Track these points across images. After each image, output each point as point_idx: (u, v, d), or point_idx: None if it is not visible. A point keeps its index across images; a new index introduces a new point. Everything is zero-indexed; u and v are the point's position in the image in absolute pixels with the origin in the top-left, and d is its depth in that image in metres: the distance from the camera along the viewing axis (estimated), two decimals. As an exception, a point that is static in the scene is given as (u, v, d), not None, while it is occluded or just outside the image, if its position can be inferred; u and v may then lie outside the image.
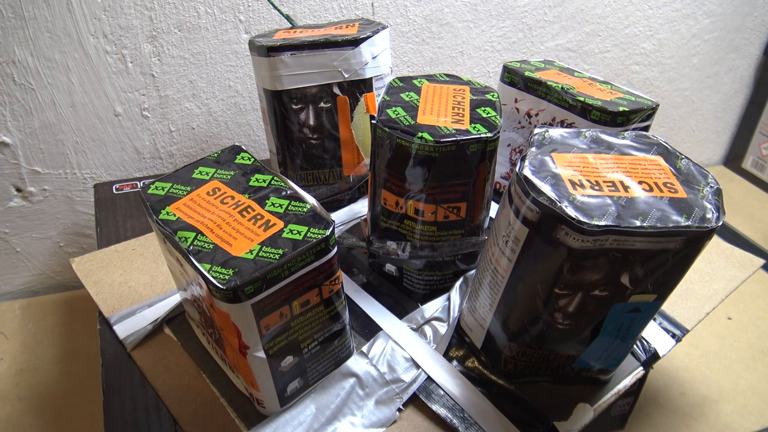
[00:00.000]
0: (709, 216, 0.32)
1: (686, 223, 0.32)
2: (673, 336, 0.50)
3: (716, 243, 0.62)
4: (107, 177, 0.78)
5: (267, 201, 0.38)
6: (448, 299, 0.50)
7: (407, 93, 0.48)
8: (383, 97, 0.47)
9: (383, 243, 0.50)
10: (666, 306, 0.52)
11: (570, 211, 0.32)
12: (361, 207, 0.63)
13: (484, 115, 0.44)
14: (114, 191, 0.69)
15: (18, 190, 0.74)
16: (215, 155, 0.43)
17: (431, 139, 0.41)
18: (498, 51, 0.95)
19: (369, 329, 0.48)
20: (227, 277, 0.32)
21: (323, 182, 0.63)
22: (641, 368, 0.47)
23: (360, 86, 0.58)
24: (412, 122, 0.43)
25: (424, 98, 0.47)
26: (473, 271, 0.52)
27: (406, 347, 0.46)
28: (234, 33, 0.75)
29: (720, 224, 0.32)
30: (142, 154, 0.78)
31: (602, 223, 0.31)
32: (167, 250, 0.40)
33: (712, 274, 0.58)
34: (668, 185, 0.35)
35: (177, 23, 0.71)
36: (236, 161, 0.42)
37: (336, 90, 0.57)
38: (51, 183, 0.75)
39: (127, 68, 0.71)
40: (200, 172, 0.41)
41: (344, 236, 0.57)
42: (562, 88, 0.55)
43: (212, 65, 0.76)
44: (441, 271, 0.51)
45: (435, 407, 0.43)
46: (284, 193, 0.38)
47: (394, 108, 0.45)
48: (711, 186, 0.35)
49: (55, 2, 0.64)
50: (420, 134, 0.41)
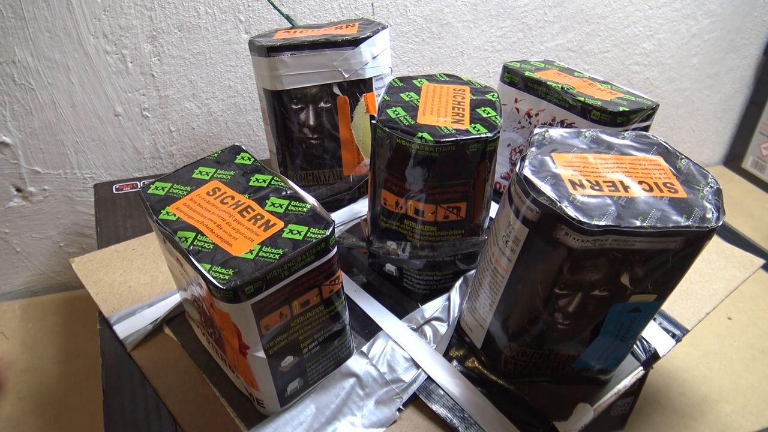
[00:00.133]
0: (709, 216, 0.32)
1: (686, 223, 0.32)
2: (673, 336, 0.50)
3: (716, 243, 0.62)
4: (107, 177, 0.78)
5: (267, 201, 0.38)
6: (448, 299, 0.50)
7: (407, 93, 0.48)
8: (383, 97, 0.47)
9: (383, 243, 0.50)
10: (666, 306, 0.52)
11: (570, 211, 0.32)
12: (361, 207, 0.63)
13: (484, 115, 0.44)
14: (114, 191, 0.69)
15: (18, 190, 0.74)
16: (215, 155, 0.43)
17: (431, 139, 0.41)
18: (498, 51, 0.95)
19: (369, 329, 0.48)
20: (227, 277, 0.32)
21: (323, 182, 0.63)
22: (641, 368, 0.47)
23: (360, 86, 0.58)
24: (412, 122, 0.43)
25: (424, 98, 0.47)
26: (473, 271, 0.52)
27: (406, 347, 0.46)
28: (234, 33, 0.75)
29: (720, 224, 0.32)
30: (142, 154, 0.78)
31: (602, 223, 0.31)
32: (167, 250, 0.40)
33: (712, 274, 0.58)
34: (668, 185, 0.35)
35: (177, 23, 0.71)
36: (236, 161, 0.42)
37: (336, 90, 0.57)
38: (51, 183, 0.75)
39: (127, 68, 0.71)
40: (200, 172, 0.41)
41: (344, 236, 0.57)
42: (562, 88, 0.55)
43: (212, 65, 0.76)
44: (441, 271, 0.51)
45: (435, 407, 0.43)
46: (284, 193, 0.38)
47: (394, 108, 0.45)
48: (711, 186, 0.35)
49: (55, 2, 0.64)
50: (420, 134, 0.41)
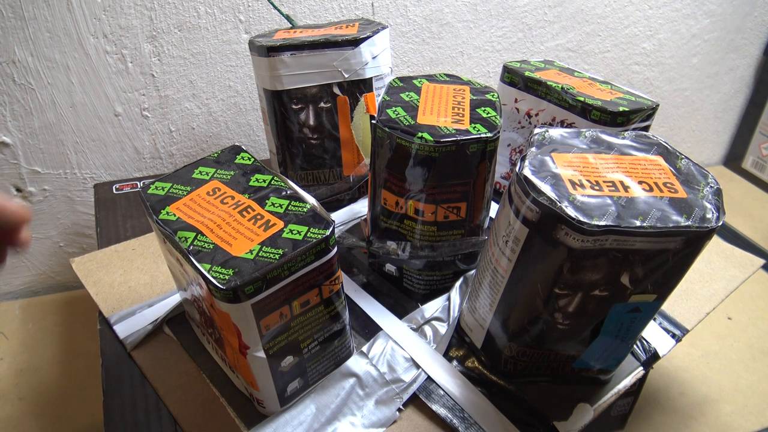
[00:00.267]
0: (709, 216, 0.32)
1: (686, 223, 0.32)
2: (673, 336, 0.50)
3: (716, 243, 0.62)
4: (107, 177, 0.78)
5: (267, 201, 0.38)
6: (448, 299, 0.50)
7: (407, 93, 0.48)
8: (383, 97, 0.47)
9: (383, 243, 0.50)
10: (666, 306, 0.52)
11: (570, 211, 0.32)
12: (361, 207, 0.63)
13: (484, 115, 0.44)
14: (114, 191, 0.69)
15: (18, 190, 0.74)
16: (215, 155, 0.43)
17: (431, 139, 0.41)
18: (498, 51, 0.95)
19: (369, 329, 0.48)
20: (227, 277, 0.32)
21: (323, 182, 0.63)
22: (641, 368, 0.47)
23: (360, 86, 0.58)
24: (412, 122, 0.43)
25: (424, 98, 0.47)
26: (473, 271, 0.52)
27: (406, 347, 0.46)
28: (234, 33, 0.75)
29: (720, 224, 0.32)
30: (142, 154, 0.78)
31: (602, 223, 0.31)
32: (167, 250, 0.40)
33: (712, 274, 0.58)
34: (668, 185, 0.35)
35: (177, 23, 0.71)
36: (236, 161, 0.42)
37: (336, 90, 0.57)
38: (51, 183, 0.75)
39: (127, 68, 0.71)
40: (200, 172, 0.41)
41: (344, 236, 0.57)
42: (562, 88, 0.55)
43: (212, 65, 0.76)
44: (441, 271, 0.51)
45: (435, 407, 0.43)
46: (284, 193, 0.38)
47: (394, 108, 0.45)
48: (711, 186, 0.35)
49: (55, 2, 0.64)
50: (420, 134, 0.41)
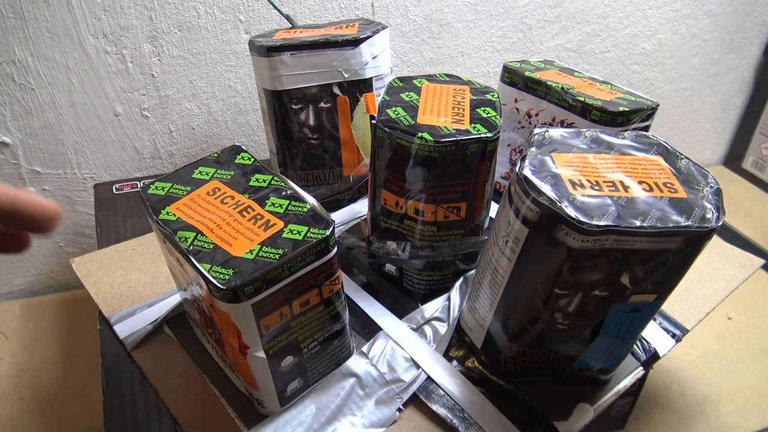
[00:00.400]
0: (709, 216, 0.32)
1: (686, 223, 0.32)
2: (673, 336, 0.50)
3: (716, 243, 0.62)
4: (107, 177, 0.78)
5: (267, 201, 0.38)
6: (448, 299, 0.50)
7: (407, 93, 0.48)
8: (383, 97, 0.47)
9: (383, 243, 0.50)
10: (666, 306, 0.52)
11: (570, 211, 0.32)
12: (361, 207, 0.63)
13: (484, 115, 0.44)
14: (114, 191, 0.69)
15: (18, 190, 0.74)
16: (215, 155, 0.43)
17: (431, 139, 0.41)
18: (498, 51, 0.95)
19: (369, 329, 0.48)
20: (227, 277, 0.32)
21: (323, 182, 0.63)
22: (641, 368, 0.47)
23: (360, 86, 0.58)
24: (412, 122, 0.43)
25: (424, 98, 0.47)
26: (473, 271, 0.52)
27: (406, 347, 0.46)
28: (234, 33, 0.75)
29: (720, 224, 0.32)
30: (142, 154, 0.78)
31: (602, 223, 0.31)
32: (167, 250, 0.40)
33: (712, 274, 0.58)
34: (668, 185, 0.35)
35: (177, 23, 0.71)
36: (236, 161, 0.42)
37: (336, 90, 0.57)
38: (51, 183, 0.75)
39: (127, 68, 0.71)
40: (200, 172, 0.41)
41: (344, 236, 0.57)
42: (562, 88, 0.55)
43: (212, 65, 0.76)
44: (441, 271, 0.51)
45: (435, 407, 0.43)
46: (284, 193, 0.38)
47: (394, 108, 0.45)
48: (711, 186, 0.35)
49: (55, 2, 0.64)
50: (420, 134, 0.41)
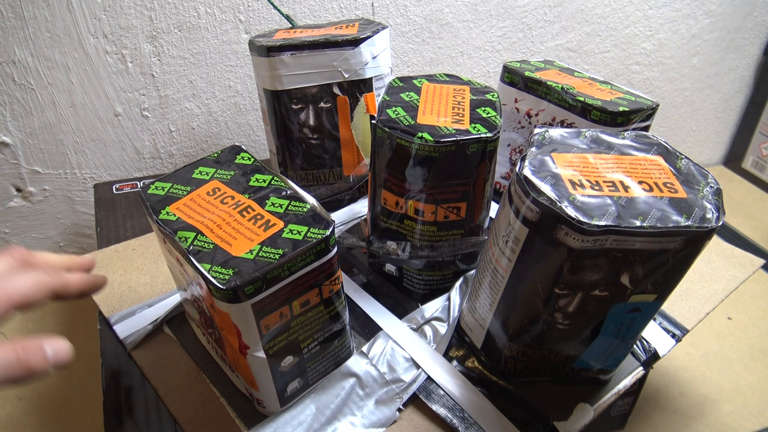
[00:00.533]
0: (709, 216, 0.32)
1: (686, 223, 0.32)
2: (673, 336, 0.50)
3: (716, 243, 0.62)
4: (107, 177, 0.78)
5: (267, 201, 0.38)
6: (448, 299, 0.50)
7: (407, 93, 0.48)
8: (383, 97, 0.47)
9: (383, 243, 0.50)
10: (666, 306, 0.52)
11: (570, 211, 0.32)
12: (361, 207, 0.63)
13: (484, 115, 0.44)
14: (114, 191, 0.69)
15: (18, 190, 0.74)
16: (215, 155, 0.43)
17: (431, 139, 0.41)
18: (498, 51, 0.95)
19: (369, 329, 0.48)
20: (227, 277, 0.32)
21: (323, 182, 0.63)
22: (641, 368, 0.47)
23: (360, 86, 0.58)
24: (412, 122, 0.43)
25: (424, 98, 0.47)
26: (473, 271, 0.52)
27: (406, 347, 0.46)
28: (234, 33, 0.75)
29: (720, 224, 0.32)
30: (142, 154, 0.78)
31: (602, 223, 0.31)
32: (167, 250, 0.40)
33: (712, 274, 0.58)
34: (668, 185, 0.35)
35: (177, 23, 0.71)
36: (236, 161, 0.42)
37: (336, 90, 0.57)
38: (51, 183, 0.75)
39: (127, 68, 0.71)
40: (200, 172, 0.41)
41: (344, 236, 0.57)
42: (562, 88, 0.55)
43: (212, 65, 0.76)
44: (441, 271, 0.51)
45: (435, 407, 0.43)
46: (284, 193, 0.38)
47: (394, 108, 0.45)
48: (711, 186, 0.35)
49: (55, 2, 0.64)
50: (420, 134, 0.41)
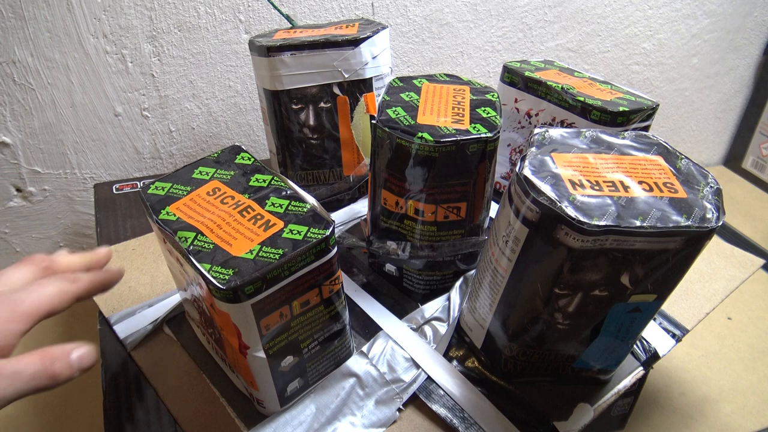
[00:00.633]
0: (709, 216, 0.32)
1: (686, 223, 0.32)
2: (673, 336, 0.50)
3: (716, 243, 0.62)
4: (107, 177, 0.78)
5: (267, 201, 0.38)
6: (448, 299, 0.50)
7: (407, 93, 0.48)
8: (383, 97, 0.47)
9: (383, 243, 0.50)
10: (666, 306, 0.52)
11: (570, 211, 0.32)
12: (361, 207, 0.63)
13: (484, 115, 0.44)
14: (114, 191, 0.69)
15: (18, 190, 0.74)
16: (215, 155, 0.43)
17: (431, 139, 0.41)
18: (498, 51, 0.95)
19: (369, 329, 0.48)
20: (227, 277, 0.32)
21: (323, 182, 0.63)
22: (641, 368, 0.47)
23: (360, 86, 0.58)
24: (412, 122, 0.43)
25: (424, 98, 0.47)
26: (473, 271, 0.52)
27: (406, 347, 0.46)
28: (234, 33, 0.75)
29: (720, 224, 0.32)
30: (142, 154, 0.78)
31: (602, 223, 0.31)
32: (167, 250, 0.40)
33: (712, 274, 0.58)
34: (668, 185, 0.35)
35: (177, 23, 0.71)
36: (236, 161, 0.42)
37: (336, 90, 0.57)
38: (51, 183, 0.75)
39: (127, 68, 0.71)
40: (200, 172, 0.41)
41: (344, 236, 0.57)
42: (562, 88, 0.55)
43: (212, 65, 0.76)
44: (441, 271, 0.51)
45: (435, 407, 0.43)
46: (284, 193, 0.38)
47: (394, 108, 0.45)
48: (711, 186, 0.35)
49: (55, 2, 0.64)
50: (420, 134, 0.41)
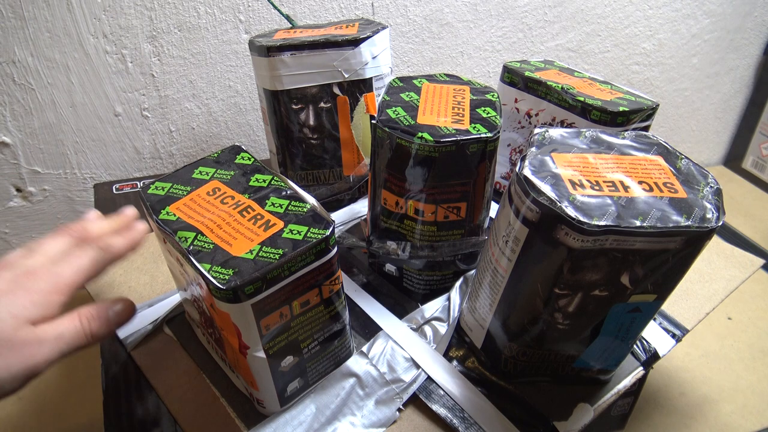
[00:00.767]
0: (709, 216, 0.32)
1: (686, 223, 0.32)
2: (673, 336, 0.50)
3: (716, 243, 0.62)
4: (107, 177, 0.78)
5: (267, 201, 0.38)
6: (448, 299, 0.50)
7: (407, 93, 0.48)
8: (383, 97, 0.47)
9: (383, 243, 0.50)
10: (666, 306, 0.52)
11: (570, 211, 0.32)
12: (361, 207, 0.63)
13: (484, 115, 0.44)
14: (114, 191, 0.69)
15: (18, 190, 0.74)
16: (215, 155, 0.43)
17: (431, 139, 0.41)
18: (498, 51, 0.95)
19: (369, 329, 0.48)
20: (227, 277, 0.32)
21: (323, 182, 0.63)
22: (641, 368, 0.47)
23: (360, 86, 0.58)
24: (412, 122, 0.43)
25: (424, 98, 0.47)
26: (473, 271, 0.52)
27: (406, 347, 0.46)
28: (234, 33, 0.75)
29: (720, 224, 0.32)
30: (142, 154, 0.78)
31: (602, 223, 0.31)
32: (167, 250, 0.40)
33: (712, 274, 0.58)
34: (668, 185, 0.35)
35: (177, 23, 0.71)
36: (236, 161, 0.42)
37: (336, 90, 0.57)
38: (51, 183, 0.75)
39: (127, 68, 0.71)
40: (200, 172, 0.41)
41: (344, 236, 0.57)
42: (562, 88, 0.55)
43: (212, 65, 0.76)
44: (441, 271, 0.51)
45: (435, 407, 0.43)
46: (284, 193, 0.38)
47: (394, 108, 0.45)
48: (711, 186, 0.35)
49: (55, 2, 0.64)
50: (420, 134, 0.41)
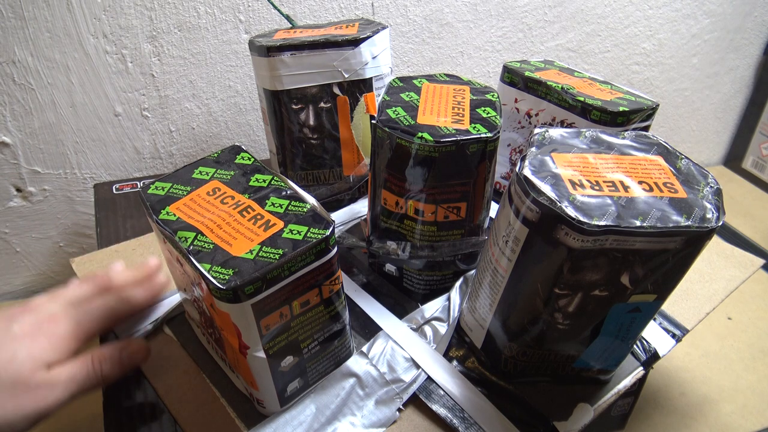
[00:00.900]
0: (709, 216, 0.32)
1: (686, 223, 0.32)
2: (673, 336, 0.50)
3: (716, 243, 0.62)
4: (107, 177, 0.78)
5: (267, 201, 0.38)
6: (448, 299, 0.50)
7: (407, 93, 0.48)
8: (383, 97, 0.47)
9: (383, 243, 0.50)
10: (666, 306, 0.52)
11: (570, 211, 0.32)
12: (361, 207, 0.63)
13: (484, 115, 0.44)
14: (114, 191, 0.69)
15: (18, 190, 0.74)
16: (215, 155, 0.43)
17: (431, 139, 0.41)
18: (498, 51, 0.95)
19: (369, 329, 0.48)
20: (227, 277, 0.32)
21: (323, 182, 0.63)
22: (641, 368, 0.47)
23: (360, 86, 0.58)
24: (412, 122, 0.43)
25: (424, 98, 0.47)
26: (473, 271, 0.52)
27: (406, 347, 0.46)
28: (234, 33, 0.75)
29: (720, 224, 0.32)
30: (142, 154, 0.78)
31: (602, 223, 0.31)
32: (167, 250, 0.40)
33: (712, 274, 0.58)
34: (668, 185, 0.35)
35: (177, 23, 0.71)
36: (236, 161, 0.42)
37: (336, 90, 0.57)
38: (51, 183, 0.75)
39: (127, 68, 0.71)
40: (200, 172, 0.41)
41: (344, 236, 0.57)
42: (562, 88, 0.55)
43: (212, 65, 0.76)
44: (441, 271, 0.51)
45: (435, 407, 0.43)
46: (284, 193, 0.38)
47: (394, 108, 0.45)
48: (711, 186, 0.35)
49: (55, 2, 0.64)
50: (420, 134, 0.41)
